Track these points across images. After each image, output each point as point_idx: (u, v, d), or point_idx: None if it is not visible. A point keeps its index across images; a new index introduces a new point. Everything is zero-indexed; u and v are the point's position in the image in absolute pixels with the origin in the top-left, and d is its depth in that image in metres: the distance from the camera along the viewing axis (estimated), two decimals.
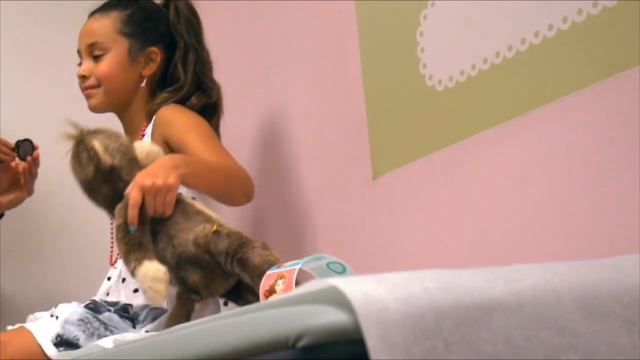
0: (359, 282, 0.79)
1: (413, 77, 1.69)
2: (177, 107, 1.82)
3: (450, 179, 1.62)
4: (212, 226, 1.48)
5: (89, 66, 1.86)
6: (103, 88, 1.86)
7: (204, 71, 1.89)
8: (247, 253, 1.43)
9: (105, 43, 1.85)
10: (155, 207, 1.48)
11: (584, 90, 1.37)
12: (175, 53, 1.88)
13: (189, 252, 1.48)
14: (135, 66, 1.87)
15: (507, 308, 0.77)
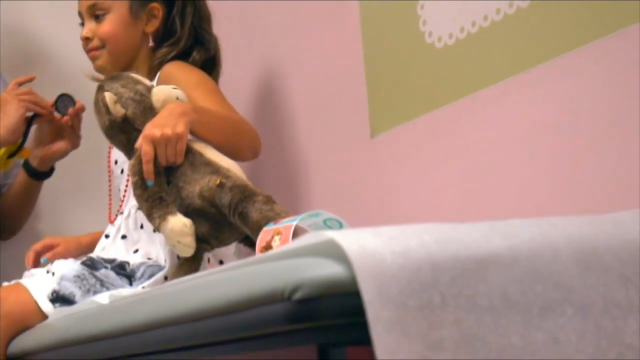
0: (356, 235, 0.79)
1: (412, 34, 1.67)
2: (181, 64, 1.82)
3: (449, 137, 1.62)
4: (216, 179, 1.49)
5: (91, 27, 1.86)
6: (107, 48, 1.85)
7: (201, 24, 1.88)
8: (247, 208, 1.44)
9: (106, 2, 1.85)
10: (167, 157, 1.51)
11: (585, 47, 1.36)
12: (174, 6, 1.87)
13: (195, 205, 1.50)
14: (137, 24, 1.86)
15: (504, 262, 0.77)
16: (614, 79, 1.32)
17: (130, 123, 1.58)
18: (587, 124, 1.36)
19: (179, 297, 1.07)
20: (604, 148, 1.33)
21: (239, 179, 1.51)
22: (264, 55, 2.14)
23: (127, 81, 1.61)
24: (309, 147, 2.00)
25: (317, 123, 1.98)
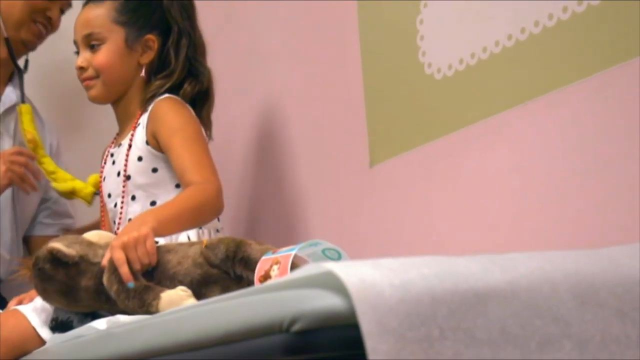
0: (355, 267, 0.79)
1: (412, 65, 1.69)
2: (171, 103, 1.81)
3: (447, 168, 1.62)
4: (201, 243, 1.49)
5: (87, 57, 1.85)
6: (101, 79, 1.84)
7: (196, 56, 1.87)
8: (247, 252, 1.44)
9: (102, 33, 1.84)
10: (140, 259, 1.49)
11: (583, 81, 1.37)
12: (169, 38, 1.86)
13: (196, 276, 1.48)
14: (132, 55, 1.86)
15: (503, 295, 0.77)
16: (612, 113, 1.33)
17: (85, 260, 1.55)
18: (585, 156, 1.37)
19: (178, 326, 1.07)
20: (602, 180, 1.34)
21: (217, 236, 1.53)
22: (264, 84, 2.15)
23: (55, 242, 1.60)
24: (308, 175, 2.00)
25: (316, 152, 1.98)
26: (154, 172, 1.78)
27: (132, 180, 1.80)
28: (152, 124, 1.79)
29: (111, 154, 1.88)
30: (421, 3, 1.67)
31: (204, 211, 1.66)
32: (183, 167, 1.71)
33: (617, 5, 1.32)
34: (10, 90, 2.15)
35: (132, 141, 1.81)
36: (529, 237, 1.45)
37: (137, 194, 1.80)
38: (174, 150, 1.73)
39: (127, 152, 1.81)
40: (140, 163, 1.79)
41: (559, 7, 1.40)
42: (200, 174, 1.69)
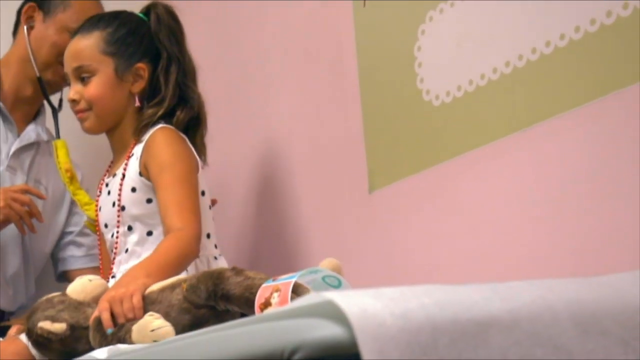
0: (356, 297, 0.79)
1: (410, 92, 1.69)
2: (166, 135, 1.80)
3: (446, 194, 1.63)
4: (181, 287, 1.49)
5: (78, 89, 1.84)
6: (94, 111, 1.83)
7: (185, 81, 1.85)
8: (225, 288, 1.44)
9: (91, 65, 1.83)
10: (125, 313, 1.50)
11: (580, 108, 1.38)
12: (159, 64, 1.86)
13: (186, 322, 1.48)
14: (123, 85, 1.84)
15: (504, 325, 0.77)
16: (610, 140, 1.34)
17: (77, 326, 1.56)
18: (584, 183, 1.37)
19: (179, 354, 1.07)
20: (602, 207, 1.34)
21: (194, 272, 1.52)
22: (262, 111, 2.16)
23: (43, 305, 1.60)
24: (307, 201, 2.00)
25: (315, 178, 1.99)
26: (149, 203, 1.78)
27: (126, 210, 1.79)
28: (145, 155, 1.79)
29: (106, 183, 1.88)
30: (419, 30, 1.68)
31: (186, 259, 1.68)
32: (166, 208, 1.72)
33: (615, 33, 1.32)
34: (32, 128, 2.16)
35: (125, 171, 1.81)
36: (530, 265, 1.45)
37: (134, 225, 1.79)
38: (160, 188, 1.74)
39: (121, 183, 1.80)
40: (134, 194, 1.79)
41: (556, 34, 1.41)
42: (180, 217, 1.69)
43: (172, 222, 1.69)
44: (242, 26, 2.24)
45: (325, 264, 1.44)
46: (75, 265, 2.20)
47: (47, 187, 2.16)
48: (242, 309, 1.42)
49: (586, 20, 1.36)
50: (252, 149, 2.18)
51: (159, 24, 1.87)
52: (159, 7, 1.89)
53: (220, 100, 2.07)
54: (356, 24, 1.83)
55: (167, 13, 1.89)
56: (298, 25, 2.04)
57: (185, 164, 1.78)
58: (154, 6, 1.90)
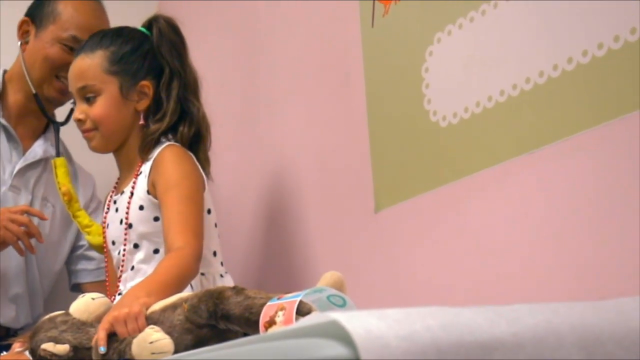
0: (361, 318, 0.79)
1: (417, 113, 1.70)
2: (174, 153, 1.80)
3: (451, 215, 1.63)
4: (182, 307, 1.49)
5: (84, 109, 1.84)
6: (100, 130, 1.84)
7: (186, 95, 1.85)
8: (225, 308, 1.43)
9: (96, 85, 1.83)
10: (130, 333, 1.49)
11: (587, 132, 1.38)
12: (162, 79, 1.86)
13: (189, 342, 1.48)
14: (128, 104, 1.84)
15: (508, 348, 0.77)
16: (615, 163, 1.34)
17: (80, 347, 1.56)
18: (589, 206, 1.37)
19: None
20: (608, 230, 1.34)
21: (193, 290, 1.52)
22: (269, 130, 2.16)
23: (46, 325, 1.60)
24: (314, 220, 2.01)
25: (322, 196, 1.99)
26: (156, 221, 1.78)
27: (133, 228, 1.80)
28: (153, 173, 1.79)
29: (114, 201, 1.88)
30: (427, 51, 1.69)
31: (186, 278, 1.68)
32: (169, 226, 1.72)
33: (622, 57, 1.33)
34: (39, 144, 2.14)
35: (134, 189, 1.81)
36: (534, 287, 1.45)
37: (140, 242, 1.80)
38: (165, 206, 1.74)
39: (129, 201, 1.81)
40: (142, 212, 1.79)
41: (564, 58, 1.41)
42: (182, 236, 1.70)
43: (174, 240, 1.70)
44: (251, 44, 2.25)
45: (328, 277, 1.44)
46: (87, 278, 2.20)
47: (54, 205, 2.14)
48: (243, 329, 1.42)
49: (594, 45, 1.37)
50: (260, 168, 2.19)
51: (160, 38, 1.87)
52: (161, 20, 1.89)
53: (228, 118, 2.08)
54: (364, 44, 1.84)
55: (168, 26, 1.89)
56: (306, 45, 2.05)
57: (192, 183, 1.78)
58: (155, 20, 1.90)
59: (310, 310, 1.29)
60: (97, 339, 1.50)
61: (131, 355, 1.46)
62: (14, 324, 2.11)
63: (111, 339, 1.51)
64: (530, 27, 1.48)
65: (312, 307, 1.30)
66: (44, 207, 2.13)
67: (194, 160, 1.83)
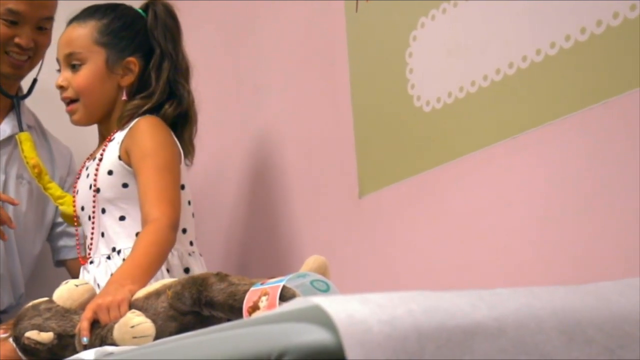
0: (343, 302, 0.80)
1: (401, 98, 1.70)
2: (150, 123, 1.80)
3: (435, 200, 1.63)
4: (166, 294, 1.49)
5: (67, 76, 1.84)
6: (82, 102, 1.84)
7: (177, 78, 1.86)
8: (209, 295, 1.43)
9: (83, 53, 1.83)
10: (112, 321, 1.49)
11: (570, 116, 1.38)
12: (151, 60, 1.85)
13: (173, 329, 1.48)
14: (113, 77, 1.85)
15: (489, 332, 0.78)
16: (599, 147, 1.34)
17: (65, 334, 1.56)
18: (572, 191, 1.38)
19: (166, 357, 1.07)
20: (589, 215, 1.35)
21: (176, 278, 1.52)
22: (254, 114, 2.16)
23: (30, 312, 1.59)
24: (297, 205, 2.01)
25: (306, 181, 1.99)
26: (124, 187, 1.78)
27: (101, 193, 1.80)
28: (128, 140, 1.79)
29: (86, 167, 1.88)
30: (411, 36, 1.69)
31: (166, 252, 1.68)
32: (145, 195, 1.72)
33: (604, 42, 1.33)
34: (6, 122, 2.12)
35: (103, 154, 1.81)
36: (516, 272, 1.45)
37: (107, 208, 1.80)
38: (141, 175, 1.74)
39: (98, 165, 1.81)
40: (111, 177, 1.79)
41: (547, 42, 1.42)
42: (158, 206, 1.70)
43: (150, 210, 1.70)
44: (236, 29, 2.24)
45: (311, 262, 1.44)
46: (70, 255, 2.18)
47: (30, 182, 2.12)
48: (227, 315, 1.43)
49: (577, 29, 1.37)
50: (243, 152, 2.19)
51: (155, 21, 1.88)
52: (158, 4, 1.90)
53: (212, 101, 2.07)
54: (348, 29, 1.84)
55: (165, 11, 1.89)
56: (291, 30, 2.04)
57: (168, 153, 1.78)
58: (153, 3, 1.90)
59: (294, 296, 1.29)
60: (80, 329, 1.50)
61: (113, 341, 1.46)
62: None
63: (94, 326, 1.51)
64: (513, 12, 1.48)
65: (296, 292, 1.31)
66: (19, 184, 2.12)
67: (170, 132, 1.83)
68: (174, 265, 1.74)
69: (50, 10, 2.07)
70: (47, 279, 2.22)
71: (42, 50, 2.09)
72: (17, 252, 2.13)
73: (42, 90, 2.15)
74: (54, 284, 1.67)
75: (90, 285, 1.65)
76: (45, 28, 2.07)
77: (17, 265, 2.14)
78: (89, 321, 1.50)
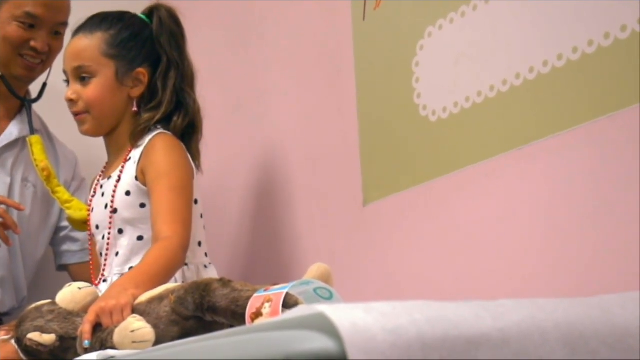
0: (347, 310, 0.80)
1: (407, 107, 1.70)
2: (165, 142, 1.80)
3: (439, 210, 1.63)
4: (169, 299, 1.49)
5: (77, 89, 1.83)
6: (92, 114, 1.83)
7: (183, 86, 1.85)
8: (212, 301, 1.43)
9: (92, 67, 1.82)
10: (114, 324, 1.49)
11: (576, 128, 1.38)
12: (158, 68, 1.85)
13: (175, 334, 1.48)
14: (123, 89, 1.84)
15: (493, 343, 0.78)
16: (605, 160, 1.34)
17: (66, 337, 1.56)
18: (577, 203, 1.38)
19: None
20: (594, 227, 1.35)
21: (181, 284, 1.52)
22: (259, 123, 2.16)
23: (33, 314, 1.60)
24: (302, 212, 2.01)
25: (311, 188, 1.99)
26: (142, 208, 1.78)
27: (118, 213, 1.80)
28: (144, 160, 1.79)
29: (101, 185, 1.88)
30: (418, 45, 1.69)
31: (173, 269, 1.68)
32: (158, 214, 1.72)
33: (612, 55, 1.33)
34: (14, 125, 2.12)
35: (121, 174, 1.81)
36: (520, 283, 1.45)
37: (125, 228, 1.80)
38: (155, 194, 1.74)
39: (116, 185, 1.81)
40: (128, 197, 1.79)
41: (554, 54, 1.42)
42: (170, 226, 1.70)
43: (162, 229, 1.70)
44: (243, 34, 2.25)
45: (315, 269, 1.44)
46: (72, 259, 2.19)
47: (35, 185, 2.13)
48: (229, 321, 1.42)
49: (584, 41, 1.37)
50: (248, 159, 2.19)
51: (160, 27, 1.87)
52: (162, 9, 1.89)
53: (218, 110, 2.07)
54: (355, 38, 1.84)
55: (169, 16, 1.88)
56: (298, 37, 2.05)
57: (182, 173, 1.78)
58: (157, 8, 1.89)
59: (297, 303, 1.29)
60: (82, 332, 1.50)
61: (113, 344, 1.46)
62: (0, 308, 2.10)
63: (96, 329, 1.51)
64: (521, 22, 1.48)
65: (299, 299, 1.31)
66: (24, 187, 2.12)
67: (185, 150, 1.83)
68: (189, 279, 1.74)
69: (67, 15, 2.09)
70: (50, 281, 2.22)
71: (55, 55, 2.10)
72: (20, 255, 2.13)
73: (48, 93, 2.15)
74: (56, 287, 1.67)
75: (94, 289, 1.65)
76: (60, 33, 2.08)
77: (20, 268, 2.14)
78: (91, 324, 1.50)
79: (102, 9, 1.93)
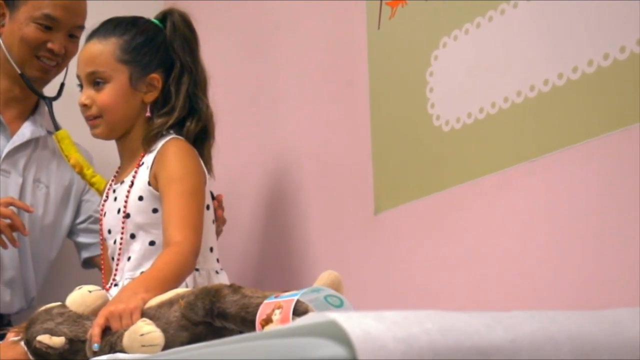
0: (359, 318, 0.79)
1: (420, 116, 1.70)
2: (178, 148, 1.80)
3: (451, 220, 1.63)
4: (179, 303, 1.49)
5: (90, 94, 1.83)
6: (105, 118, 1.83)
7: (196, 92, 1.85)
8: (222, 307, 1.43)
9: (106, 72, 1.82)
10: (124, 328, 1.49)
11: (590, 141, 1.38)
12: (171, 73, 1.85)
13: (184, 339, 1.48)
14: (136, 94, 1.84)
15: (505, 354, 0.77)
16: (618, 173, 1.34)
17: (76, 340, 1.57)
18: (587, 216, 1.38)
19: None
20: (604, 240, 1.34)
21: (191, 290, 1.53)
22: (272, 131, 2.16)
23: (43, 316, 1.61)
24: (313, 220, 2.01)
25: (322, 197, 1.99)
26: (154, 213, 1.78)
27: (131, 219, 1.80)
28: (156, 165, 1.79)
29: (113, 190, 1.88)
30: (432, 55, 1.69)
31: (184, 274, 1.68)
32: (169, 219, 1.72)
33: (628, 68, 1.33)
34: (26, 126, 2.13)
35: (134, 179, 1.81)
36: (533, 295, 1.45)
37: (137, 233, 1.80)
38: (167, 200, 1.74)
39: (129, 190, 1.81)
40: (141, 203, 1.79)
41: (569, 67, 1.42)
42: (181, 231, 1.70)
43: (173, 234, 1.70)
44: (257, 40, 2.25)
45: (325, 277, 1.44)
46: (94, 252, 2.17)
47: (48, 185, 2.13)
48: (239, 328, 1.42)
49: (600, 55, 1.37)
50: (260, 165, 2.19)
51: (174, 33, 1.87)
52: (175, 14, 1.89)
53: (228, 114, 2.07)
54: (369, 46, 1.85)
55: (182, 21, 1.88)
56: (312, 45, 2.05)
57: (194, 178, 1.78)
58: (170, 13, 1.89)
59: (307, 310, 1.29)
60: (92, 335, 1.50)
61: (122, 348, 1.47)
62: (9, 309, 2.10)
63: (105, 333, 1.51)
64: (536, 35, 1.48)
65: (309, 306, 1.31)
66: (36, 189, 2.13)
67: (197, 155, 1.83)
68: (201, 284, 1.74)
69: (84, 19, 2.09)
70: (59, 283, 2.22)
71: (70, 58, 2.11)
72: (30, 256, 2.13)
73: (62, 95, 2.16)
74: (66, 289, 1.68)
75: (104, 292, 1.65)
76: (76, 36, 2.09)
77: (30, 269, 2.14)
78: (100, 327, 1.50)
79: (114, 13, 1.95)
